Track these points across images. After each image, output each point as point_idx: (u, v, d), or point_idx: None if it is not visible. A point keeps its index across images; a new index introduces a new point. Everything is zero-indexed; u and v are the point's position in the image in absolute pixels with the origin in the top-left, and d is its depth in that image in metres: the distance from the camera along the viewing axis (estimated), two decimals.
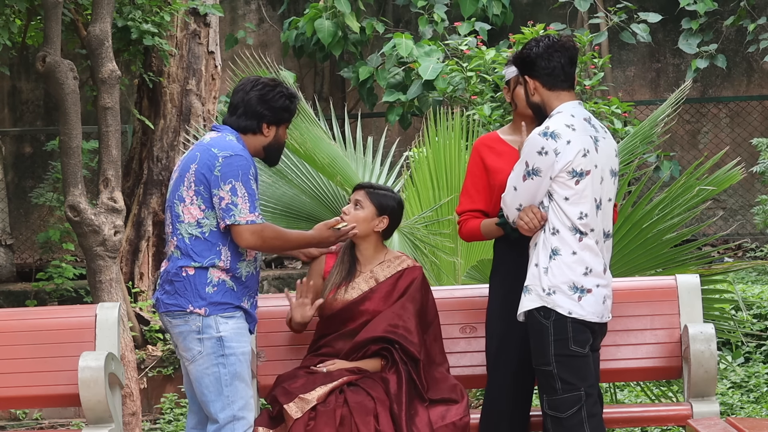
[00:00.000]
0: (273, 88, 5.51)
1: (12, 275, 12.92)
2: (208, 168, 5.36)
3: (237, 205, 5.32)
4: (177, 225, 5.44)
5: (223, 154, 5.36)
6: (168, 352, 10.19)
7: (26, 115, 14.47)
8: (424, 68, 12.35)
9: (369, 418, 5.39)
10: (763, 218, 11.14)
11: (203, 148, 5.42)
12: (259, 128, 5.49)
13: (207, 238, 5.39)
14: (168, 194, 5.54)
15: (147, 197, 10.87)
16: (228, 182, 5.33)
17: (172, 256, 5.45)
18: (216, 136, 5.47)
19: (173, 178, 5.53)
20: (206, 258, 5.39)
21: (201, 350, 5.37)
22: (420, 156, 7.48)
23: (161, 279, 5.51)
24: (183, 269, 5.40)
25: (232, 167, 5.34)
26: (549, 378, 5.23)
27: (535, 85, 5.36)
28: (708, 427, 5.54)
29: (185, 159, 5.50)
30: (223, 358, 5.37)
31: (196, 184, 5.38)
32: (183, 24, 10.83)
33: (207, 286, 5.38)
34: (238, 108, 5.51)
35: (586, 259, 5.24)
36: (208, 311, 5.36)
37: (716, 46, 14.01)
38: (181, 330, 5.40)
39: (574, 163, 5.21)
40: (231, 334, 5.39)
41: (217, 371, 5.37)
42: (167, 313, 5.45)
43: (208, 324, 5.37)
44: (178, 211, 5.43)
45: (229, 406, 5.37)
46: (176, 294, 5.40)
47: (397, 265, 5.76)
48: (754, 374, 9.22)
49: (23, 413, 10.33)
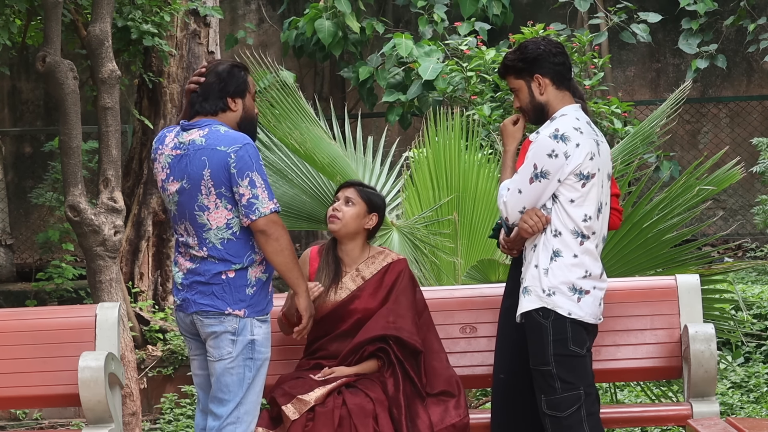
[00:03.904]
0: (216, 66, 5.49)
1: (12, 275, 12.92)
2: (224, 168, 5.28)
3: (258, 197, 5.27)
4: (204, 234, 5.33)
5: (233, 149, 5.29)
6: (168, 352, 10.19)
7: (26, 115, 14.48)
8: (424, 68, 12.35)
9: (368, 420, 5.39)
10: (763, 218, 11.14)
11: (208, 151, 5.31)
12: (225, 104, 5.43)
13: (239, 236, 5.34)
14: (174, 206, 5.40)
15: (147, 197, 10.87)
16: (245, 176, 5.27)
17: (205, 261, 5.35)
18: (207, 134, 5.35)
19: (170, 189, 5.39)
20: (244, 257, 5.33)
21: (232, 351, 5.34)
22: (420, 156, 7.48)
23: (187, 280, 5.40)
24: (223, 273, 5.32)
25: (244, 159, 5.28)
26: (548, 378, 5.22)
27: (545, 83, 5.34)
28: (708, 427, 5.54)
29: (186, 166, 5.35)
30: (251, 362, 5.36)
31: (216, 188, 5.30)
32: (183, 24, 10.84)
33: (247, 288, 5.34)
34: (201, 98, 5.45)
35: (586, 262, 5.25)
36: (247, 313, 5.33)
37: (716, 46, 14.01)
38: (215, 330, 5.36)
39: (583, 165, 5.21)
40: (262, 339, 5.38)
41: (242, 372, 5.35)
42: (199, 313, 5.38)
43: (244, 325, 5.33)
44: (202, 222, 5.33)
45: (237, 408, 5.36)
46: (212, 295, 5.34)
47: (381, 260, 5.77)
48: (754, 374, 9.22)
49: (23, 413, 10.33)
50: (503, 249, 5.57)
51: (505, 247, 5.53)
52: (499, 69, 5.52)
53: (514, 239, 5.44)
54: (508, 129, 5.48)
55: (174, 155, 5.40)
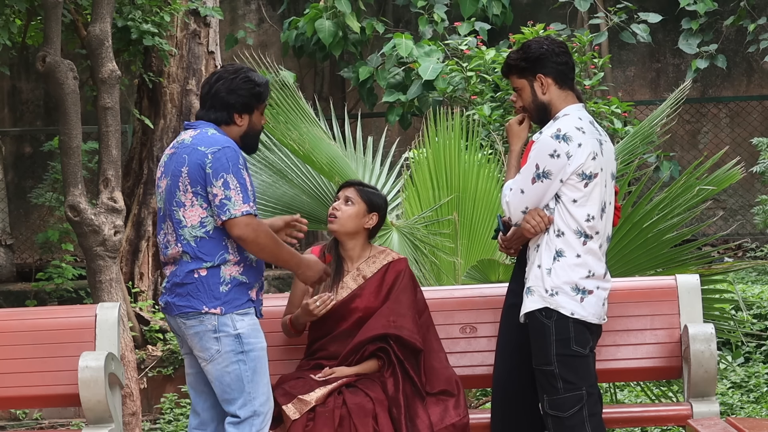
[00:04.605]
0: (235, 75, 5.44)
1: (12, 275, 12.92)
2: (200, 167, 5.32)
3: (230, 198, 5.29)
4: (180, 231, 5.38)
5: (212, 150, 5.32)
6: (168, 352, 10.19)
7: (26, 115, 14.48)
8: (424, 68, 12.35)
9: (368, 420, 5.39)
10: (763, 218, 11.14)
11: (190, 149, 5.36)
12: (231, 118, 5.45)
13: (211, 235, 5.36)
14: (162, 203, 5.46)
15: (147, 197, 10.87)
16: (220, 177, 5.29)
17: (180, 260, 5.40)
18: (196, 134, 5.40)
19: (161, 186, 5.45)
20: (216, 255, 5.36)
21: (219, 349, 5.35)
22: (420, 156, 7.48)
23: (168, 283, 5.46)
24: (195, 271, 5.35)
25: (221, 161, 5.30)
26: (550, 378, 5.22)
27: (548, 83, 5.34)
28: (708, 427, 5.54)
29: (172, 164, 5.41)
30: (243, 355, 5.35)
31: (192, 186, 5.34)
32: (183, 24, 10.84)
33: (220, 285, 5.35)
34: (206, 101, 5.47)
35: (589, 262, 5.24)
36: (224, 310, 5.34)
37: (716, 46, 14.01)
38: (197, 330, 5.37)
39: (585, 165, 5.20)
40: (248, 330, 5.37)
41: (237, 368, 5.35)
42: (180, 315, 5.40)
43: (224, 322, 5.34)
44: (179, 218, 5.38)
45: (250, 402, 5.36)
46: (189, 296, 5.36)
47: (382, 259, 5.77)
48: (754, 374, 9.22)
49: (23, 413, 10.33)
50: (501, 248, 5.59)
51: (503, 246, 5.55)
52: (502, 68, 5.52)
53: (511, 238, 5.45)
54: (513, 129, 5.48)
55: (169, 154, 5.48)
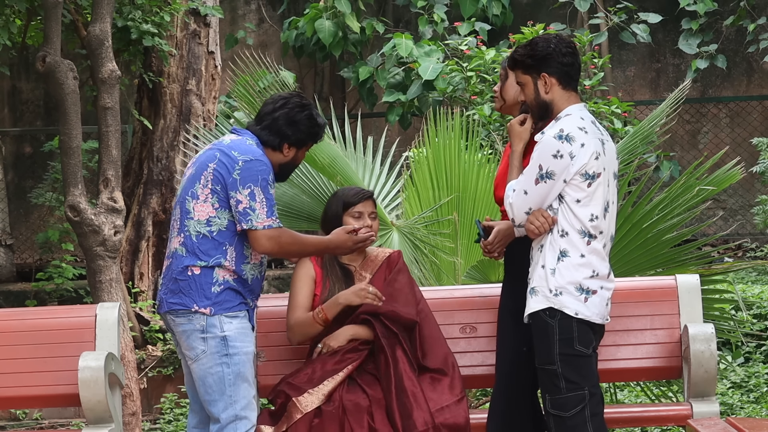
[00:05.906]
0: (302, 110, 5.49)
1: (12, 275, 12.92)
2: (227, 169, 5.36)
3: (255, 210, 5.32)
4: (185, 221, 5.42)
5: (244, 158, 5.36)
6: (168, 352, 10.19)
7: (26, 115, 14.47)
8: (424, 68, 12.35)
9: (362, 416, 5.40)
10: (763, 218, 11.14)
11: (223, 150, 5.42)
12: (280, 147, 5.49)
13: (215, 237, 5.38)
14: (179, 190, 5.51)
15: (147, 197, 10.86)
16: (247, 186, 5.33)
17: (176, 254, 5.43)
18: (237, 139, 5.47)
19: (186, 174, 5.51)
20: (212, 257, 5.38)
21: (205, 349, 5.37)
22: (420, 156, 7.48)
23: (164, 278, 5.50)
24: (188, 268, 5.38)
25: (251, 172, 5.34)
26: (553, 377, 5.22)
27: (551, 83, 5.32)
28: (708, 427, 5.54)
29: (203, 157, 5.48)
30: (227, 358, 5.37)
31: (213, 183, 5.38)
32: (183, 24, 10.83)
33: (213, 286, 5.37)
34: (264, 120, 5.50)
35: (593, 262, 5.24)
36: (213, 311, 5.36)
37: (716, 46, 14.02)
38: (185, 329, 5.40)
39: (588, 165, 5.19)
40: (235, 334, 5.39)
41: (220, 371, 5.37)
42: (171, 312, 5.44)
43: (212, 323, 5.36)
44: (188, 208, 5.42)
45: (231, 406, 5.37)
46: (180, 293, 5.39)
47: (380, 258, 5.81)
48: (754, 374, 9.22)
49: (23, 413, 10.33)
50: (484, 253, 5.59)
51: (485, 250, 5.55)
52: (508, 62, 5.51)
53: (494, 242, 5.47)
54: (515, 129, 5.47)
55: (205, 148, 5.57)
